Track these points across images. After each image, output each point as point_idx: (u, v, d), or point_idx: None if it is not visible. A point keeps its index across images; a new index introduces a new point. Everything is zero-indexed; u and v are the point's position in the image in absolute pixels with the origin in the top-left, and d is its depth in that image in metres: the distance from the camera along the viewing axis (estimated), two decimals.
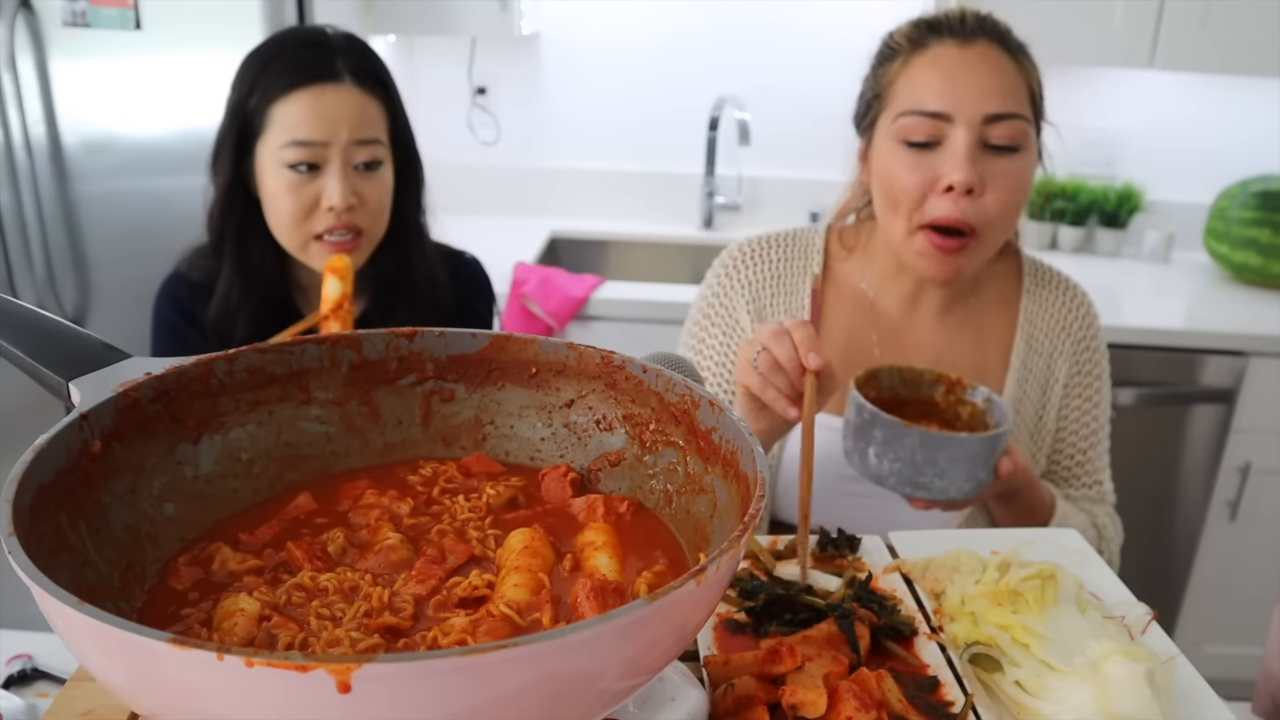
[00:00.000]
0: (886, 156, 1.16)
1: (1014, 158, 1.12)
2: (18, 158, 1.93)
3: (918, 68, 1.14)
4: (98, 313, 2.05)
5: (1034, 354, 1.27)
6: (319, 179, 1.23)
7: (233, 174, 1.26)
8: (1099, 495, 1.30)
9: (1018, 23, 1.19)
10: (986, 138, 1.11)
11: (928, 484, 1.00)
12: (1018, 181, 1.13)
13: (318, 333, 0.99)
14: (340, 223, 1.24)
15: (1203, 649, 2.37)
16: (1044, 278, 1.31)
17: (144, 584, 0.56)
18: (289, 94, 1.21)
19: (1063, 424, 1.29)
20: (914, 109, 1.13)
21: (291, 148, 1.21)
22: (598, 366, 0.68)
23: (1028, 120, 1.13)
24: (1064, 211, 2.69)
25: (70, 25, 1.85)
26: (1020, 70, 1.14)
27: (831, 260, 1.31)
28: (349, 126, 1.22)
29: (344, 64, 1.23)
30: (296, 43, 1.26)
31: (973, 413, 1.09)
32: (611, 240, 2.77)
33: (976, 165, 1.11)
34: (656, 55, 2.72)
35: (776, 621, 0.78)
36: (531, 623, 0.53)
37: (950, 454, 0.99)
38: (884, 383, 1.11)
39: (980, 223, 1.13)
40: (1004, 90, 1.11)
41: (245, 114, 1.24)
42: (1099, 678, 0.71)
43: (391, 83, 1.30)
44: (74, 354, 0.61)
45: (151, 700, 0.42)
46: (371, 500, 0.65)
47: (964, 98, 1.10)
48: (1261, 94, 2.62)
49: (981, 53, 1.13)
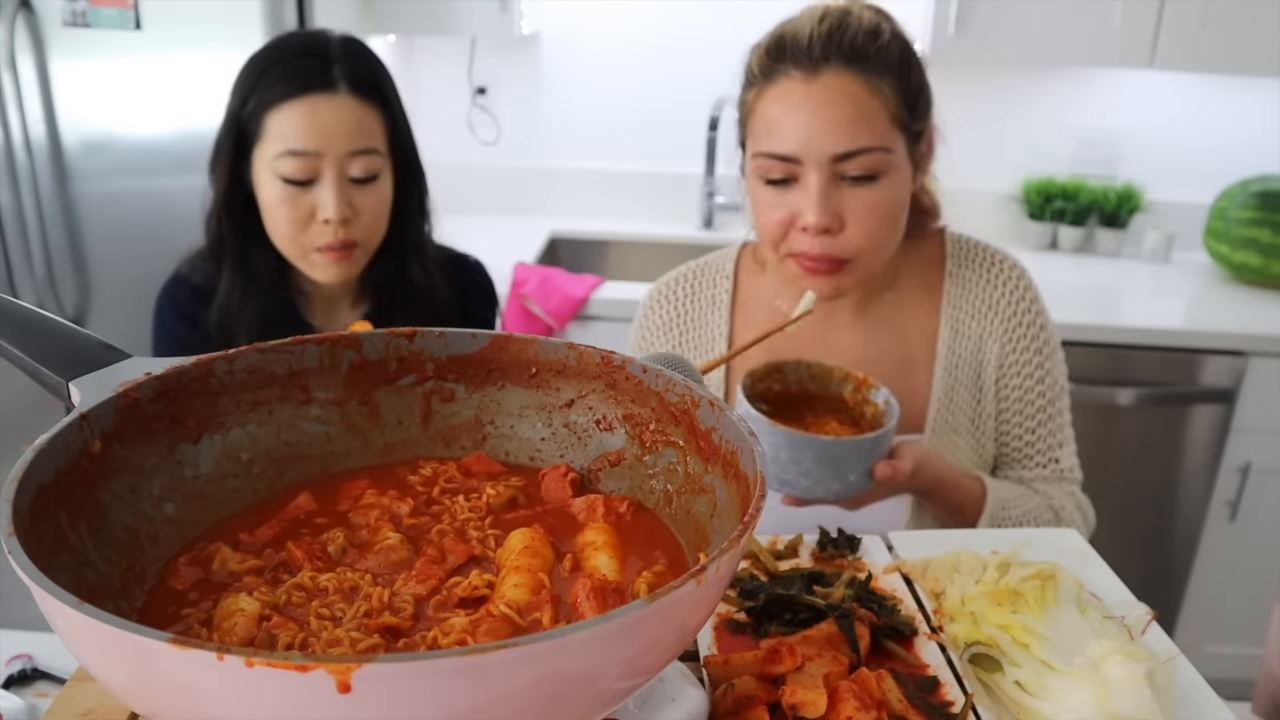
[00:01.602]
0: (753, 189, 1.16)
1: (873, 186, 1.10)
2: (18, 158, 1.93)
3: (768, 102, 1.12)
4: (98, 313, 2.05)
5: (960, 339, 1.24)
6: (314, 190, 1.22)
7: (231, 179, 1.26)
8: (1056, 474, 1.26)
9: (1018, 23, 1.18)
10: (841, 172, 1.09)
11: (792, 481, 1.00)
12: (880, 210, 1.11)
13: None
14: (337, 238, 1.23)
15: (1203, 649, 2.37)
16: (968, 258, 1.27)
17: (144, 584, 0.56)
18: (283, 103, 1.20)
19: (1005, 405, 1.25)
20: (765, 151, 1.11)
21: (285, 158, 1.20)
22: (598, 366, 0.68)
23: (883, 149, 1.09)
24: (1064, 211, 2.69)
25: (70, 25, 1.85)
26: (874, 94, 1.09)
27: (742, 281, 1.30)
28: (344, 137, 1.21)
29: (340, 73, 1.22)
30: (294, 50, 1.25)
31: (875, 413, 1.08)
32: (611, 240, 2.77)
33: (830, 202, 1.09)
34: (656, 55, 2.72)
35: (776, 621, 0.78)
36: (531, 623, 0.53)
37: (814, 455, 0.99)
38: (790, 376, 1.11)
39: (846, 254, 1.12)
40: (852, 125, 1.08)
41: (242, 120, 1.23)
42: (1099, 678, 0.71)
43: (391, 91, 1.29)
44: (74, 354, 0.61)
45: (151, 700, 0.42)
46: (371, 500, 0.65)
47: (810, 139, 1.08)
48: (1261, 94, 2.62)
49: (827, 85, 1.08)
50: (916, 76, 1.14)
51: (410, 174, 1.33)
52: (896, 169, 1.12)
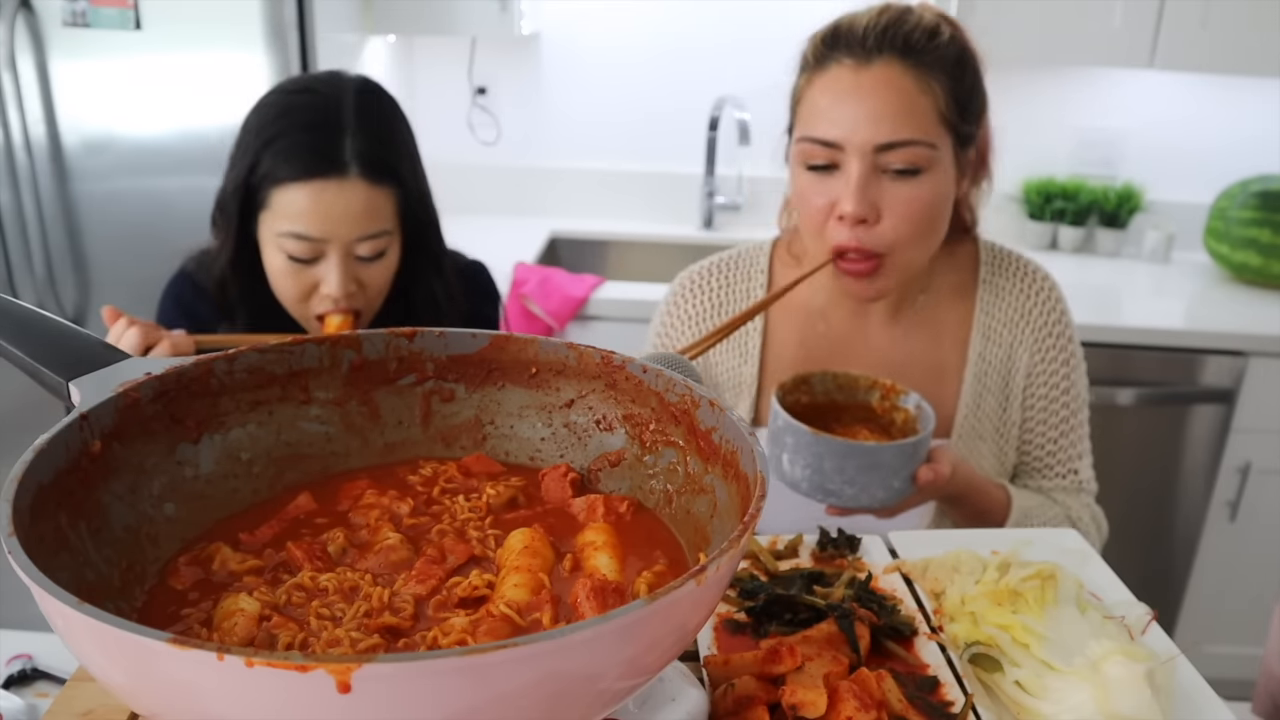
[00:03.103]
0: (796, 175, 1.16)
1: (914, 181, 1.09)
2: (18, 158, 1.93)
3: (817, 89, 1.12)
4: (98, 313, 2.05)
5: (992, 346, 1.25)
6: (319, 267, 1.18)
7: (237, 241, 1.22)
8: (1075, 485, 1.27)
9: (1018, 23, 1.18)
10: (883, 164, 1.08)
11: (838, 491, 0.99)
12: (918, 206, 1.09)
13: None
14: (339, 308, 1.20)
15: (1203, 649, 2.37)
16: (1002, 265, 1.27)
17: (144, 584, 0.56)
18: (290, 184, 1.15)
19: (1029, 414, 1.26)
20: (809, 135, 1.11)
21: (291, 239, 1.16)
22: (598, 366, 0.68)
23: (927, 144, 1.08)
24: (1064, 211, 2.69)
25: (70, 25, 1.85)
26: (924, 90, 1.08)
27: (778, 274, 1.30)
28: (352, 224, 1.16)
29: (352, 152, 1.16)
30: (305, 119, 1.17)
31: (905, 419, 1.07)
32: (611, 240, 2.77)
33: (869, 193, 1.08)
34: (656, 55, 2.72)
35: (776, 621, 0.78)
36: (531, 623, 0.53)
37: (858, 462, 0.98)
38: (817, 388, 1.10)
39: (881, 248, 1.11)
40: (897, 117, 1.07)
41: (249, 186, 1.18)
42: (1099, 678, 0.71)
43: (406, 158, 1.23)
44: (74, 354, 0.61)
45: (151, 700, 0.42)
46: (371, 500, 0.65)
47: (855, 127, 1.07)
48: (1261, 94, 2.62)
49: (877, 76, 1.08)
50: (971, 80, 1.13)
51: (423, 235, 1.28)
52: (940, 167, 1.10)
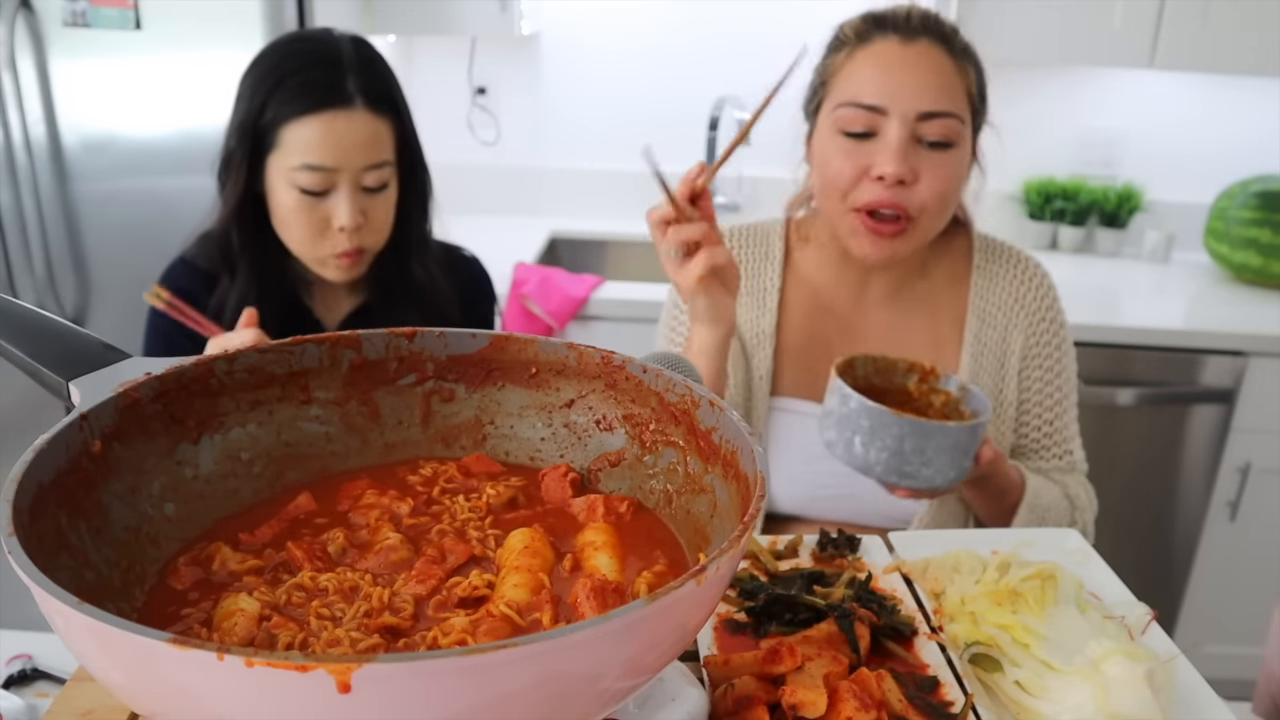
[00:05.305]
0: (825, 143, 1.21)
1: (946, 153, 1.17)
2: (18, 158, 1.93)
3: (860, 61, 1.18)
4: (98, 313, 2.05)
5: (987, 328, 1.29)
6: (329, 200, 1.24)
7: (245, 187, 1.26)
8: (1069, 465, 1.32)
9: (1018, 23, 1.21)
10: (920, 134, 1.15)
11: (914, 473, 1.01)
12: (949, 174, 1.17)
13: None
14: (350, 245, 1.26)
15: (1203, 649, 2.37)
16: (995, 254, 1.33)
17: (144, 584, 0.56)
18: (301, 117, 1.21)
19: (1025, 395, 1.31)
20: (851, 100, 1.17)
21: (304, 171, 1.22)
22: (598, 366, 0.68)
23: (961, 120, 1.17)
24: (1064, 211, 2.69)
25: (70, 25, 1.85)
26: (960, 72, 1.18)
27: (791, 250, 1.35)
28: (360, 152, 1.23)
29: (355, 86, 1.23)
30: (308, 59, 1.24)
31: (946, 401, 1.10)
32: (611, 240, 2.77)
33: (908, 159, 1.14)
34: (656, 55, 2.72)
35: (776, 621, 0.78)
36: (531, 623, 0.53)
37: (938, 443, 1.00)
38: (859, 371, 1.12)
39: (913, 208, 1.16)
40: (939, 89, 1.15)
41: (257, 131, 1.24)
42: (1099, 678, 0.71)
43: (401, 96, 1.30)
44: (74, 354, 0.61)
45: (151, 700, 0.42)
46: (371, 500, 0.65)
47: (900, 93, 1.14)
48: (1261, 94, 2.62)
49: (922, 51, 1.16)
50: (983, 78, 1.23)
51: (415, 175, 1.35)
52: (964, 144, 1.19)
